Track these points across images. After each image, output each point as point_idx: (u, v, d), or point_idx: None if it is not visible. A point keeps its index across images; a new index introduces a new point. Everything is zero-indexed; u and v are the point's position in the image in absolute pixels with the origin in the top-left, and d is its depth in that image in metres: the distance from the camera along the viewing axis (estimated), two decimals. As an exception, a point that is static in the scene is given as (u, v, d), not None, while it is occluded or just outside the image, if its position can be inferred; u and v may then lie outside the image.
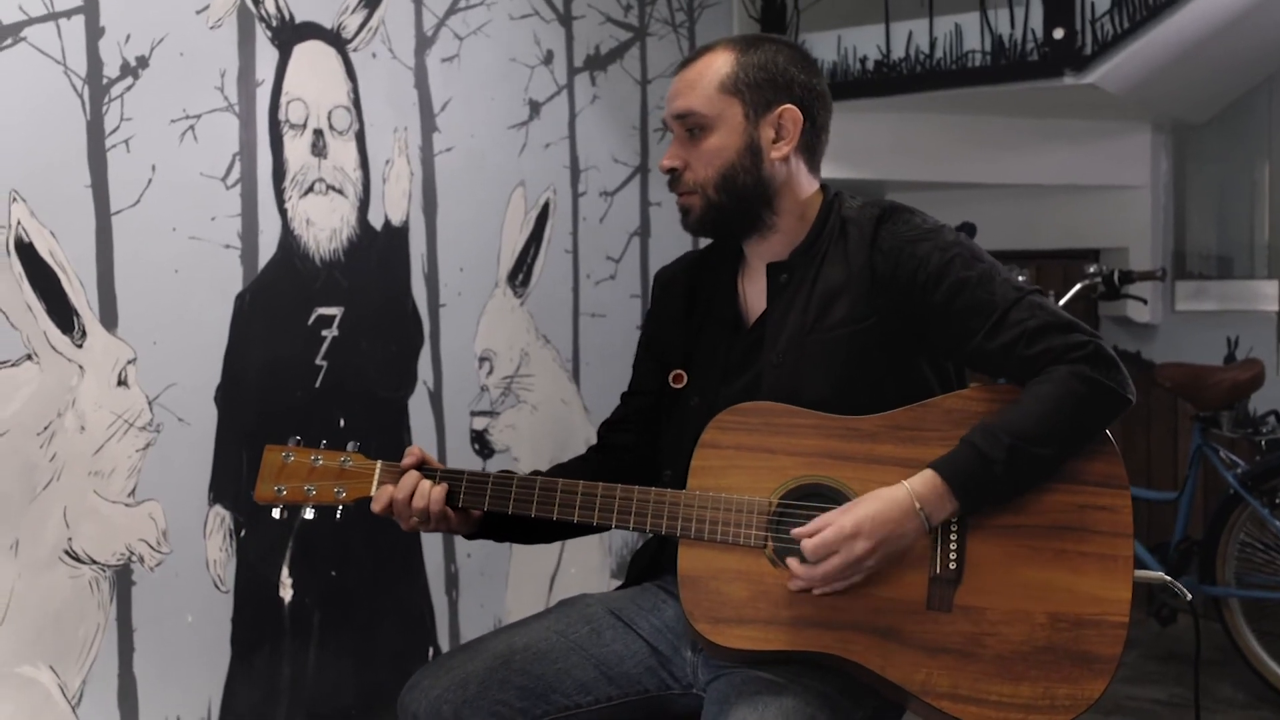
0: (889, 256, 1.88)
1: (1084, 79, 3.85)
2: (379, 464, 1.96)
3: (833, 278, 1.92)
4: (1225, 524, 3.93)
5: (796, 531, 1.76)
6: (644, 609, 2.00)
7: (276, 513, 1.96)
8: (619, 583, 2.18)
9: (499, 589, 3.33)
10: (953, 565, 1.78)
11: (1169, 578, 1.94)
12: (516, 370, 3.39)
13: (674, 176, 1.97)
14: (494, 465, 3.30)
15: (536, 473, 2.00)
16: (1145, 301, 4.35)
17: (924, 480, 1.75)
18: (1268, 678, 3.88)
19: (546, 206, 3.49)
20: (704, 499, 1.83)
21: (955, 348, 1.89)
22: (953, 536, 1.78)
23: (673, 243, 3.96)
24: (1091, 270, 4.11)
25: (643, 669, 1.94)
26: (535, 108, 3.44)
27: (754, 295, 2.03)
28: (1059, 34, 3.83)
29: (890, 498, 1.74)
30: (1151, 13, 3.73)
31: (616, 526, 1.88)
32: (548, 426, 3.50)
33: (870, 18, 4.21)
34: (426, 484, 1.92)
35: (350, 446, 1.98)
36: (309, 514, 1.96)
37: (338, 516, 1.96)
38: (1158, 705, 3.87)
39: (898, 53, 4.12)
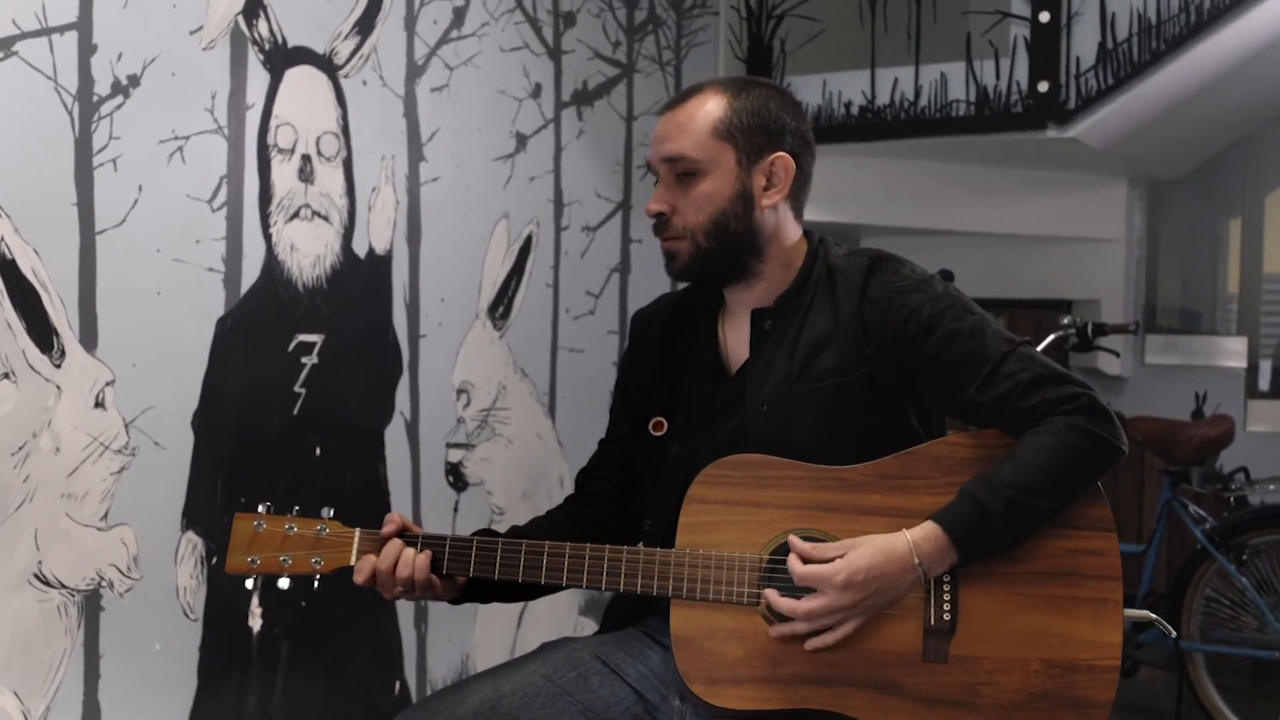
0: (878, 307, 1.87)
1: (1066, 132, 3.88)
2: (357, 532, 1.89)
3: (819, 326, 1.91)
4: (1191, 578, 3.96)
5: (796, 544, 1.75)
6: (630, 655, 1.97)
7: (250, 583, 1.90)
8: (588, 618, 2.15)
9: (467, 624, 3.29)
10: (947, 616, 1.77)
11: (1154, 615, 1.94)
12: (494, 403, 3.37)
13: (661, 221, 1.91)
14: (466, 498, 3.27)
15: (516, 529, 1.98)
16: (1117, 354, 4.38)
17: (925, 533, 1.74)
18: (1228, 732, 3.90)
19: (529, 240, 3.48)
20: (694, 558, 1.79)
21: (946, 399, 1.88)
22: (946, 587, 1.77)
23: (652, 280, 3.96)
24: (1065, 321, 4.13)
25: (628, 716, 1.91)
26: (522, 140, 3.43)
27: (735, 342, 2.00)
28: (1043, 87, 3.86)
29: (889, 550, 1.73)
30: (1135, 70, 3.77)
31: (607, 589, 1.83)
32: (522, 461, 3.48)
33: (857, 63, 4.23)
34: (410, 552, 1.85)
35: (325, 513, 1.91)
36: (284, 584, 1.91)
37: (315, 586, 1.92)
38: (1121, 758, 3.88)
39: (883, 99, 4.14)
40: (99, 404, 2.38)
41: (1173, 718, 4.09)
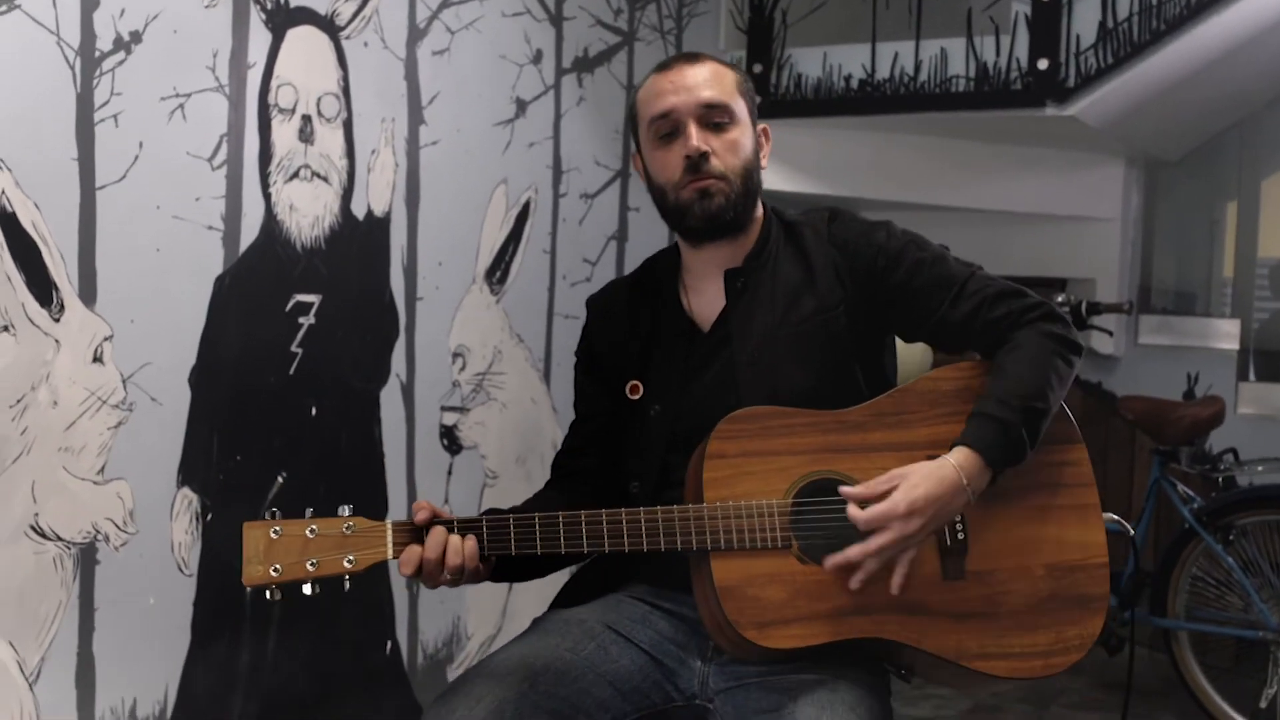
0: (846, 249, 2.03)
1: (1065, 110, 3.89)
2: (389, 523, 1.80)
3: (793, 276, 2.04)
4: (1178, 558, 3.99)
5: (847, 492, 1.80)
6: (636, 621, 1.99)
7: (270, 593, 1.76)
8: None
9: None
10: (960, 536, 1.88)
11: (1115, 516, 2.05)
12: (489, 367, 3.39)
13: (703, 159, 1.98)
14: (460, 462, 3.29)
15: (530, 505, 2.01)
16: (1110, 333, 4.40)
17: (964, 455, 1.83)
18: (1211, 711, 3.94)
19: (527, 205, 3.49)
20: (725, 509, 1.84)
21: (921, 322, 2.01)
22: None
23: (649, 248, 3.95)
24: (1059, 299, 4.14)
25: (650, 683, 1.94)
26: (522, 106, 3.43)
27: (700, 304, 2.09)
28: (1043, 65, 3.87)
29: (940, 477, 1.80)
30: (1135, 50, 3.78)
31: (648, 549, 1.84)
32: (516, 425, 3.50)
33: (857, 36, 4.23)
34: (457, 539, 1.81)
35: (344, 511, 1.80)
36: (308, 590, 1.76)
37: (345, 588, 1.79)
38: (1101, 732, 3.92)
39: (882, 73, 4.15)
40: (97, 359, 2.39)
41: (1156, 695, 4.14)
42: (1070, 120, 3.94)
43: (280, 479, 2.78)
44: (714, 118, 2.00)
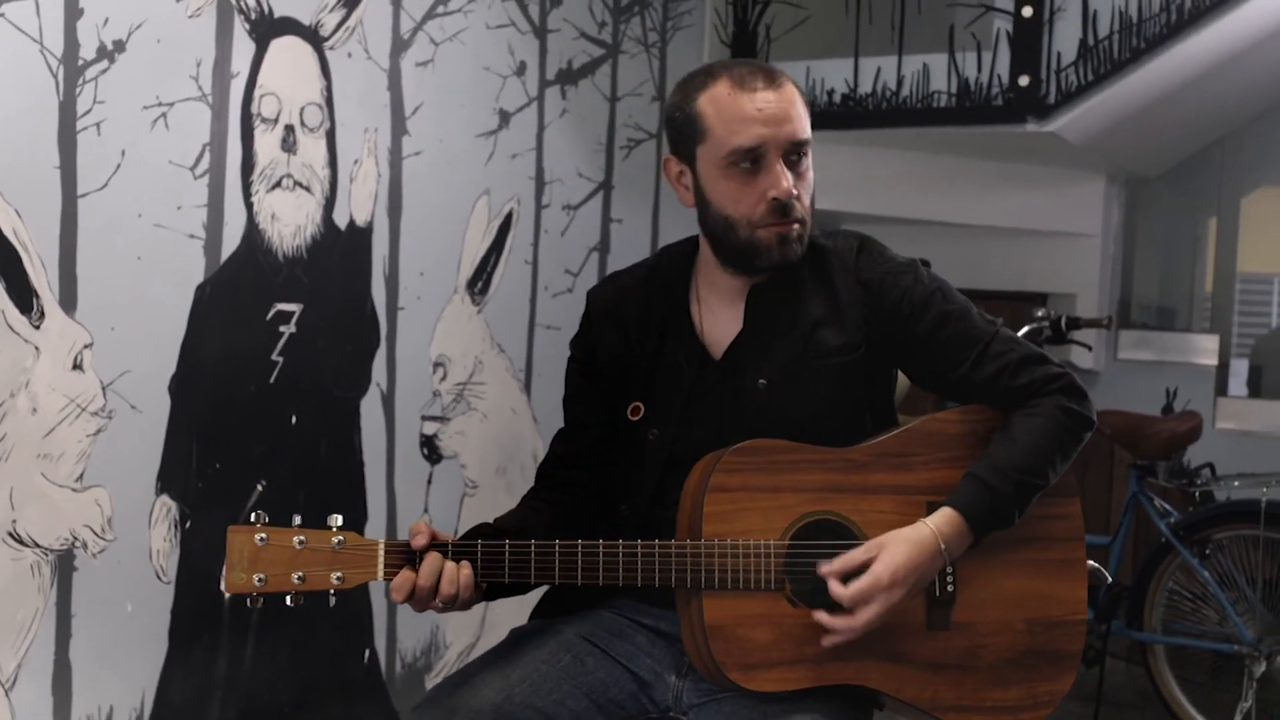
0: (870, 287, 1.96)
1: (1046, 127, 3.91)
2: (381, 544, 1.76)
3: (816, 306, 1.96)
4: (1155, 571, 4.01)
5: (826, 571, 1.79)
6: (614, 634, 1.99)
7: (250, 601, 1.72)
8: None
9: (438, 595, 3.31)
10: (950, 588, 1.88)
11: (1094, 564, 2.06)
12: (470, 377, 3.40)
13: (789, 204, 1.89)
14: (440, 471, 3.30)
15: (503, 523, 1.98)
16: (1090, 348, 4.41)
17: (946, 519, 1.83)
18: (1186, 725, 3.96)
19: (509, 216, 3.50)
20: (722, 547, 1.82)
21: (938, 375, 1.98)
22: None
23: (631, 260, 3.97)
24: (1040, 314, 4.16)
25: (626, 695, 1.95)
26: (505, 118, 3.45)
27: (713, 325, 2.01)
28: (1024, 81, 3.89)
29: (919, 541, 1.80)
30: (1115, 67, 3.80)
31: (642, 584, 1.83)
32: (497, 435, 3.51)
33: (840, 51, 4.25)
34: (452, 566, 1.77)
35: (332, 522, 1.76)
36: (290, 601, 1.73)
37: (331, 604, 1.76)
38: (1077, 745, 3.93)
39: (865, 88, 4.17)
40: (77, 366, 2.39)
41: (1131, 708, 4.16)
42: (1051, 136, 3.96)
43: (260, 487, 2.78)
44: (798, 153, 1.91)
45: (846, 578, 1.78)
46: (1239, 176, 5.17)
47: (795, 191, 1.88)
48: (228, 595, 1.81)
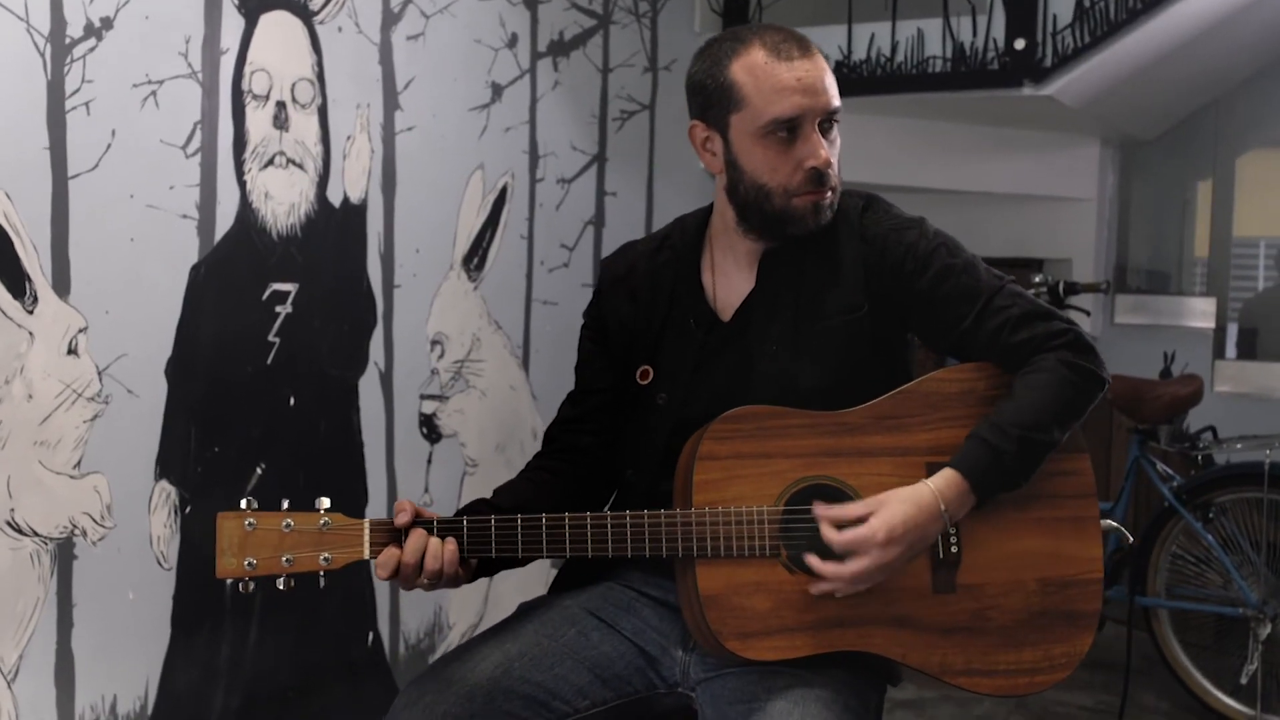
0: (874, 245, 1.94)
1: (1042, 90, 3.88)
2: (367, 522, 1.77)
3: (822, 267, 1.95)
4: (1158, 536, 4.00)
5: (821, 513, 1.77)
6: (620, 609, 1.98)
7: (242, 586, 1.74)
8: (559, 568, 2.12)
9: (441, 575, 3.29)
10: (954, 549, 1.85)
11: (1115, 524, 2.03)
12: (467, 355, 3.36)
13: (825, 174, 1.90)
14: (440, 450, 3.26)
15: (501, 494, 1.96)
16: (1088, 313, 4.40)
17: (947, 481, 1.79)
18: (1192, 688, 3.96)
19: (504, 191, 3.46)
20: (714, 515, 1.80)
21: (941, 333, 1.94)
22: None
23: (626, 234, 3.94)
24: (1037, 280, 4.15)
25: (632, 670, 1.93)
26: (498, 91, 3.40)
27: (725, 288, 2.01)
28: (1020, 44, 3.85)
29: (917, 501, 1.77)
30: (1112, 29, 3.77)
31: (632, 555, 1.81)
32: (495, 413, 3.47)
33: (833, 18, 4.21)
34: (436, 542, 1.77)
35: (320, 504, 1.77)
36: (282, 585, 1.74)
37: (321, 585, 1.76)
38: (1084, 711, 3.93)
39: (859, 54, 4.13)
40: (72, 351, 2.35)
41: (1137, 673, 4.15)
42: (1047, 100, 3.93)
43: (259, 470, 2.74)
44: (829, 121, 1.91)
45: (841, 529, 1.76)
46: (1234, 138, 5.16)
47: (832, 159, 1.90)
48: (227, 582, 1.79)
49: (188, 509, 2.59)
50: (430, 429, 3.24)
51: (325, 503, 1.77)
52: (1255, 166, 5.22)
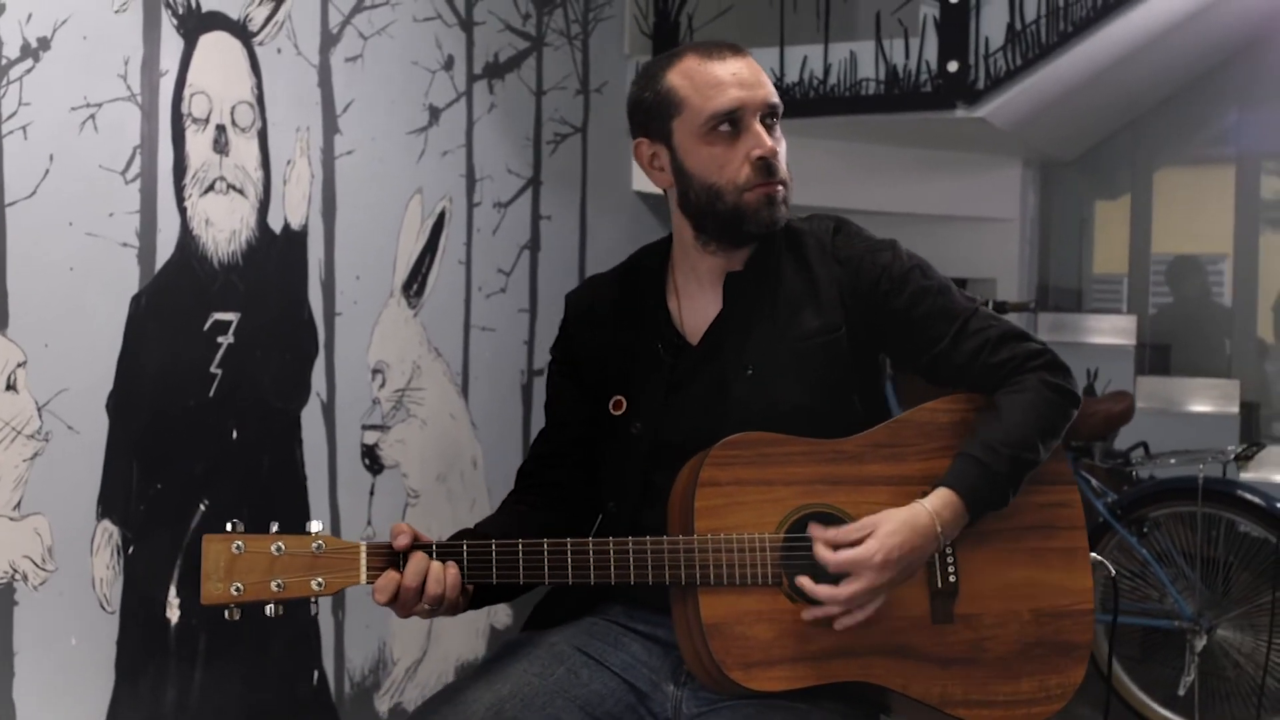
0: (849, 266, 1.93)
1: (975, 112, 3.91)
2: (363, 546, 1.70)
3: (795, 288, 1.93)
4: (1094, 551, 4.03)
5: (818, 535, 1.74)
6: (608, 644, 1.92)
7: (229, 613, 1.66)
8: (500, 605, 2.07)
9: (385, 610, 3.19)
10: (951, 579, 1.83)
11: (1099, 557, 2.04)
12: (408, 383, 3.28)
13: (773, 164, 1.88)
14: (382, 481, 3.18)
15: (481, 530, 1.91)
16: (1017, 332, 4.43)
17: (943, 500, 1.78)
18: (1129, 701, 4.00)
19: (442, 216, 3.39)
20: (715, 543, 1.77)
21: (917, 354, 1.93)
22: (948, 551, 1.83)
23: (562, 258, 3.91)
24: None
25: (623, 707, 1.87)
26: (435, 114, 3.34)
27: (691, 312, 1.99)
28: (953, 67, 3.88)
29: (913, 523, 1.75)
30: (1043, 51, 3.81)
31: (635, 581, 1.77)
32: (437, 442, 3.40)
33: (765, 40, 4.21)
34: (438, 567, 1.71)
35: (312, 527, 1.70)
36: (270, 611, 1.67)
37: (313, 613, 1.73)
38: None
39: (791, 77, 4.13)
40: (10, 386, 2.24)
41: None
42: (979, 122, 3.96)
43: (203, 506, 2.64)
44: (771, 117, 1.91)
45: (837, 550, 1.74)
46: (1150, 159, 5.25)
47: (777, 149, 1.89)
48: (173, 621, 1.71)
49: (130, 549, 2.48)
50: (372, 460, 3.16)
51: (317, 525, 1.70)
52: (1170, 183, 5.33)
